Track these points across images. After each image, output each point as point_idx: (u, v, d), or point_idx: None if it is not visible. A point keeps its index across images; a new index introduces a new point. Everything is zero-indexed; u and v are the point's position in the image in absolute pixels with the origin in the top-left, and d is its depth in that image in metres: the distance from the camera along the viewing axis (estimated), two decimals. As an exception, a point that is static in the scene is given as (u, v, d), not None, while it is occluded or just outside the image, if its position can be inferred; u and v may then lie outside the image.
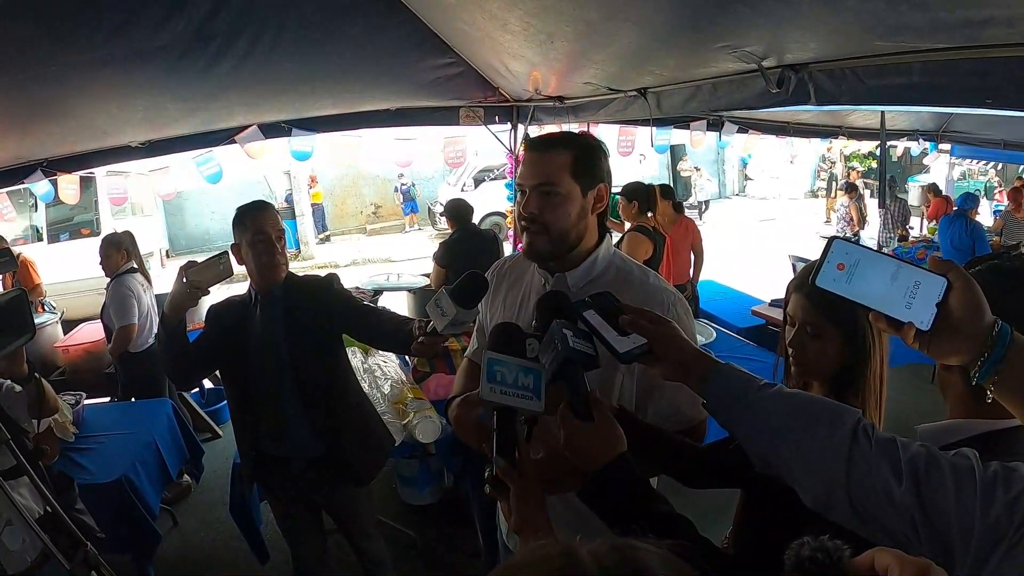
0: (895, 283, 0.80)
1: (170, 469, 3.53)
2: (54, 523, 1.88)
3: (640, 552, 0.46)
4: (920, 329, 0.78)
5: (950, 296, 0.77)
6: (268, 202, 2.34)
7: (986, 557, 0.70)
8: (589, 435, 0.98)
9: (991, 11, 1.53)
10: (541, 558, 0.46)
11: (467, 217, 5.19)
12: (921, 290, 0.79)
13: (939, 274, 0.78)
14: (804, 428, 0.87)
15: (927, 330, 0.78)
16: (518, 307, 1.60)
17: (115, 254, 4.19)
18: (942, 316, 0.77)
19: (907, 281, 0.80)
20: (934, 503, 0.75)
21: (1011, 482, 0.72)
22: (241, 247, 2.23)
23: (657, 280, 1.56)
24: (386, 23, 3.21)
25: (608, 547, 0.46)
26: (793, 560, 0.60)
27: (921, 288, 0.79)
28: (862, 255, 0.83)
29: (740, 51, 2.23)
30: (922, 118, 6.98)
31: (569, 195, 1.45)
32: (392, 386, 3.42)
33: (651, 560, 0.45)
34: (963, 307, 0.76)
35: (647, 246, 4.28)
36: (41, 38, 2.49)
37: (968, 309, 0.76)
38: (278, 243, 2.23)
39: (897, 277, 0.80)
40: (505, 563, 0.48)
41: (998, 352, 0.75)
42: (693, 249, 5.31)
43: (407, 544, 3.53)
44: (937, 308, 0.78)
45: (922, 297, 0.79)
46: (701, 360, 0.99)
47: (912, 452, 0.80)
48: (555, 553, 0.46)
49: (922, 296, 0.79)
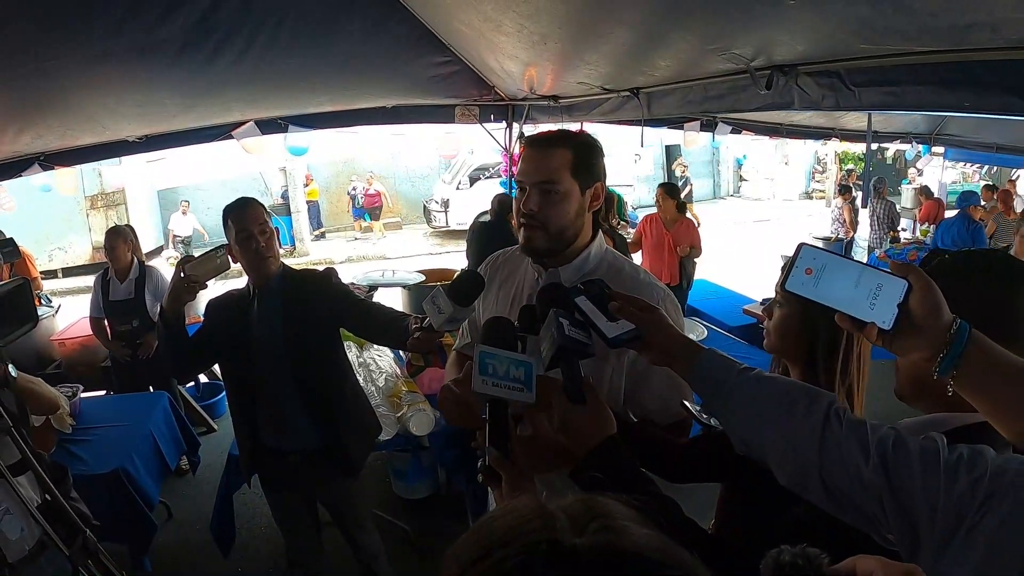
0: (859, 286, 0.85)
1: (168, 461, 3.56)
2: (53, 511, 1.91)
3: (602, 501, 0.51)
4: (882, 328, 0.83)
5: (911, 297, 0.82)
6: (250, 198, 2.33)
7: (950, 537, 0.73)
8: (582, 417, 1.02)
9: (975, 16, 1.57)
10: (513, 507, 0.51)
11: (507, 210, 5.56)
12: (884, 292, 0.83)
13: (900, 276, 0.83)
14: (781, 411, 0.91)
15: (889, 329, 0.83)
16: (511, 301, 1.63)
17: (122, 245, 4.34)
18: (903, 315, 0.82)
19: (870, 284, 0.85)
20: (900, 482, 0.78)
21: (975, 464, 0.75)
22: (232, 246, 2.26)
23: (648, 276, 1.60)
24: (384, 21, 3.23)
25: (573, 499, 0.51)
26: (772, 567, 0.61)
27: (884, 290, 0.84)
28: (828, 260, 0.88)
29: (729, 53, 2.27)
30: (915, 120, 6.99)
31: (569, 193, 1.49)
32: (387, 379, 3.45)
33: (612, 507, 0.50)
34: (923, 307, 0.81)
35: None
36: (42, 33, 2.51)
37: (927, 308, 0.81)
38: (261, 237, 2.24)
39: (861, 280, 0.85)
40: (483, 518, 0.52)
41: (956, 348, 0.79)
42: (692, 246, 5.48)
43: (401, 537, 3.56)
44: (898, 308, 0.82)
45: (884, 298, 0.83)
46: (686, 346, 1.03)
47: (881, 434, 0.84)
48: (527, 503, 0.51)
49: (884, 297, 0.83)
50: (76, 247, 12.93)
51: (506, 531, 0.48)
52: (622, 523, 0.48)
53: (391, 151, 15.29)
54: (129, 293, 4.37)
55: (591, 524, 0.47)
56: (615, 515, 0.49)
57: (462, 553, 0.49)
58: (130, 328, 4.39)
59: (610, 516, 0.49)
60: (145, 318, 4.34)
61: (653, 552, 0.46)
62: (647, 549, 0.46)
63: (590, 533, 0.46)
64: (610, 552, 0.45)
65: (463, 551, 0.49)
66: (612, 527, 0.47)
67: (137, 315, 4.37)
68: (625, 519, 0.49)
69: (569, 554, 0.45)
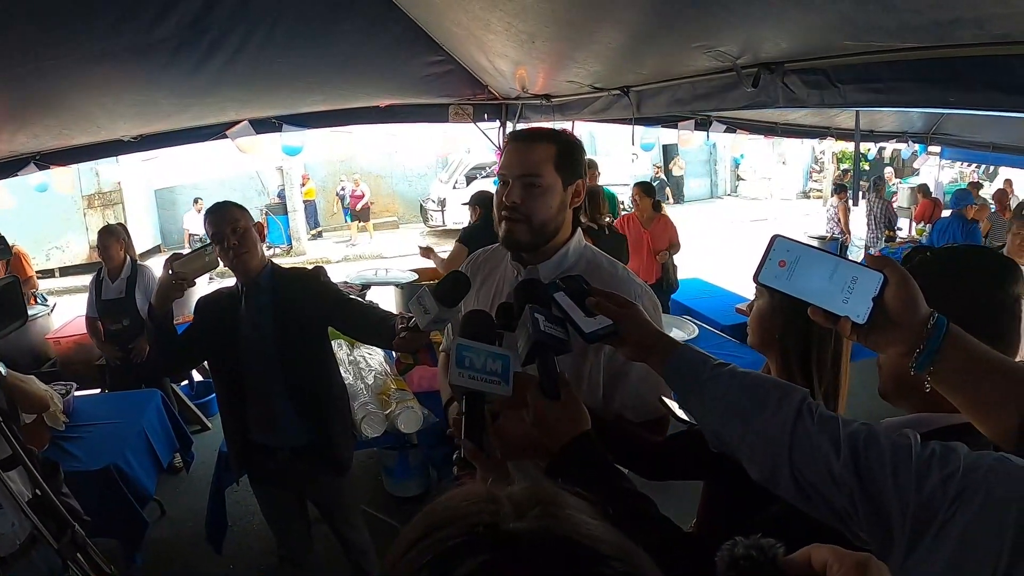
0: (833, 279, 0.83)
1: (161, 458, 3.57)
2: (43, 506, 1.93)
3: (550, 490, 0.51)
4: (856, 322, 0.81)
5: (886, 291, 0.80)
6: (227, 202, 2.34)
7: (921, 534, 0.71)
8: (556, 412, 1.03)
9: (959, 12, 1.57)
10: (462, 492, 0.52)
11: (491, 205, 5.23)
12: (858, 285, 0.81)
13: (876, 269, 0.81)
14: (753, 405, 0.90)
15: (863, 323, 0.81)
16: (492, 298, 1.64)
17: (115, 244, 4.35)
18: (878, 309, 0.80)
19: (845, 277, 0.82)
20: (871, 477, 0.77)
21: (947, 460, 0.73)
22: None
23: (625, 272, 1.61)
24: (378, 20, 3.24)
25: (523, 487, 0.51)
26: (727, 559, 0.61)
27: (859, 283, 0.81)
28: (802, 252, 0.87)
29: (715, 51, 2.28)
30: (911, 119, 6.94)
31: (552, 187, 1.50)
32: (376, 377, 3.46)
33: (558, 496, 0.50)
34: (899, 301, 0.79)
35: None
36: (40, 33, 2.51)
37: (904, 303, 0.79)
38: (233, 236, 2.24)
39: (835, 273, 0.83)
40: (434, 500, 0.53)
41: (933, 343, 0.77)
42: (670, 242, 5.59)
43: (391, 535, 3.53)
44: (873, 302, 0.80)
45: (859, 292, 0.81)
46: (662, 341, 1.04)
47: (852, 429, 0.82)
48: (476, 488, 0.52)
49: (859, 291, 0.81)
50: (73, 246, 12.96)
51: (450, 513, 0.49)
52: (566, 512, 0.48)
53: (387, 150, 15.30)
54: (120, 292, 4.37)
55: (533, 510, 0.47)
56: (560, 503, 0.49)
57: (408, 532, 0.50)
58: (121, 327, 4.37)
59: (554, 504, 0.49)
60: (136, 318, 4.30)
61: (594, 541, 0.46)
62: (587, 537, 0.46)
63: (530, 518, 0.47)
64: (548, 536, 0.46)
65: (409, 531, 0.50)
66: (554, 514, 0.47)
67: (128, 315, 4.35)
68: (571, 508, 0.49)
69: (507, 537, 0.45)
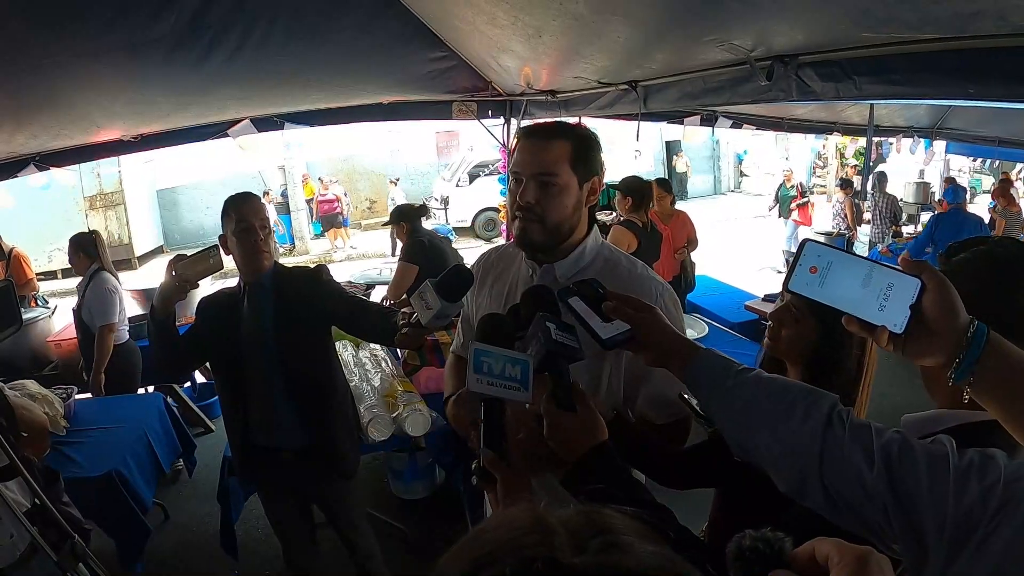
0: (868, 285, 0.79)
1: (162, 463, 3.53)
2: (42, 516, 1.89)
3: (605, 514, 0.46)
4: (893, 332, 0.77)
5: (924, 298, 0.76)
6: (253, 193, 2.34)
7: (960, 548, 0.68)
8: (571, 424, 0.99)
9: (981, 4, 1.52)
10: (509, 518, 0.46)
11: (418, 217, 4.86)
12: (895, 292, 0.77)
13: (912, 275, 0.77)
14: (780, 412, 0.86)
15: (901, 333, 0.76)
16: (505, 298, 1.59)
17: (76, 254, 4.17)
18: (916, 318, 0.76)
19: (880, 283, 0.78)
20: (905, 489, 0.73)
21: (986, 470, 0.70)
22: (227, 237, 2.24)
23: (645, 270, 1.55)
24: (379, 16, 3.20)
25: (574, 511, 0.47)
26: (735, 551, 0.60)
27: (894, 290, 0.77)
28: (834, 257, 0.82)
29: (728, 44, 2.23)
30: (917, 114, 6.90)
31: (567, 186, 1.45)
32: (382, 379, 3.42)
33: (615, 522, 0.45)
34: (937, 308, 0.75)
35: (630, 240, 4.40)
36: (37, 31, 2.48)
37: (942, 310, 0.75)
38: (261, 232, 2.22)
39: (870, 279, 0.79)
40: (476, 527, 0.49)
41: (973, 353, 0.73)
42: (688, 238, 5.44)
43: (398, 538, 3.53)
44: (911, 310, 0.76)
45: (895, 299, 0.77)
46: (683, 345, 0.99)
47: (886, 438, 0.78)
48: (523, 514, 0.46)
49: (895, 298, 0.77)
50: (75, 247, 12.92)
51: (499, 545, 0.44)
52: (627, 539, 0.44)
53: (390, 148, 15.29)
54: (77, 303, 4.22)
55: (593, 541, 0.43)
56: (619, 530, 0.45)
57: (451, 567, 0.45)
58: (80, 338, 4.23)
59: (613, 532, 0.44)
60: (84, 332, 4.13)
61: (659, 572, 0.42)
62: (653, 569, 0.42)
63: (592, 552, 0.42)
64: (613, 573, 0.41)
65: (452, 565, 0.45)
66: (616, 544, 0.43)
67: (79, 328, 4.20)
68: (630, 534, 0.45)
69: (568, 574, 0.41)
